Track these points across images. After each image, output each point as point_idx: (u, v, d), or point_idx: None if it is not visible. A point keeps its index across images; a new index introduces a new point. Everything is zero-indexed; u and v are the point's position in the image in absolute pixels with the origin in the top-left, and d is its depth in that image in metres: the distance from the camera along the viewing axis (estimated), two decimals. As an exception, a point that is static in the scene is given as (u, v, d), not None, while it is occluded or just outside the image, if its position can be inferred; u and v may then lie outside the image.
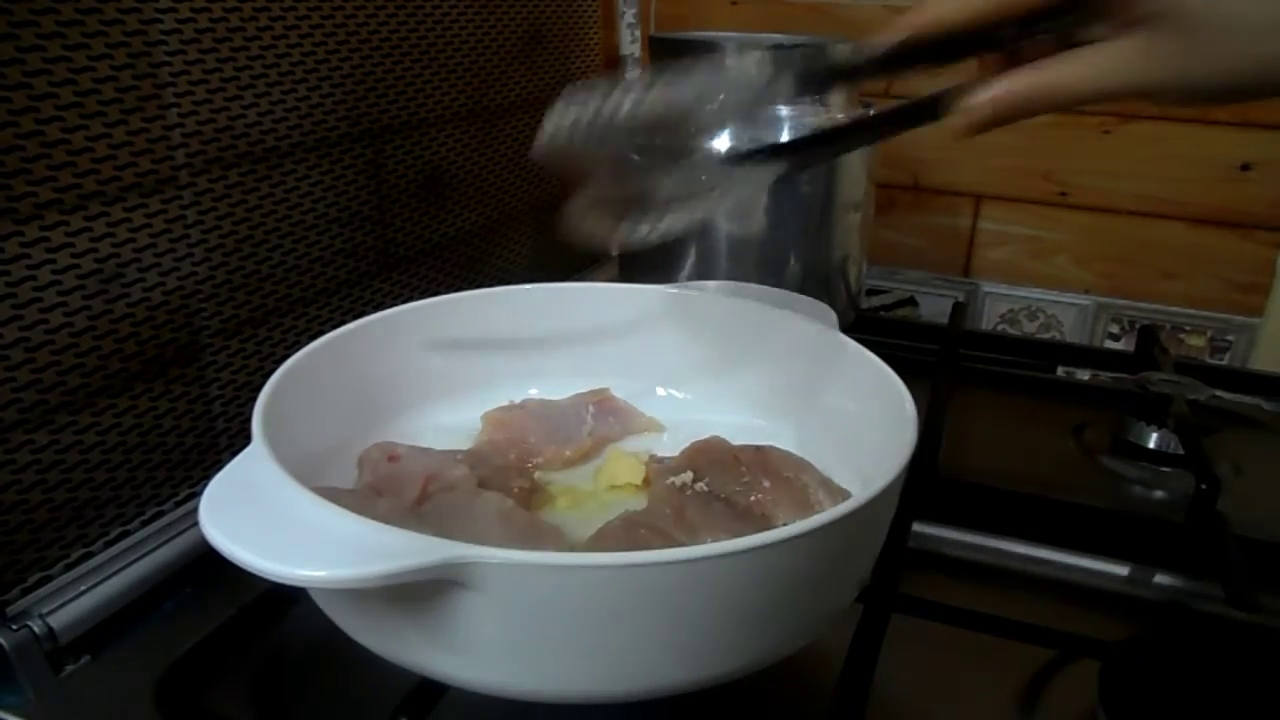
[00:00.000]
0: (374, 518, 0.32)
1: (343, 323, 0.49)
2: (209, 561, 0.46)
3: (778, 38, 0.73)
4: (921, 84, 0.35)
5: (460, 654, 0.33)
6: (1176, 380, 0.66)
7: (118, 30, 0.45)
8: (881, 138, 0.36)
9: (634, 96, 0.37)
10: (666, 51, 0.74)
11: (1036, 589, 0.51)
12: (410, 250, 0.70)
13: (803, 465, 0.45)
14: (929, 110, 0.34)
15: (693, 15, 0.99)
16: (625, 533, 0.40)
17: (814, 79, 0.37)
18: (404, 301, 0.53)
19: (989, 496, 0.57)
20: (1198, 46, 0.28)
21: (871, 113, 0.37)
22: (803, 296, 0.56)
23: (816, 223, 0.72)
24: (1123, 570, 0.52)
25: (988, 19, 0.31)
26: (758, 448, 0.47)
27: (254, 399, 0.40)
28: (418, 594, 0.31)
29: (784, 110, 0.55)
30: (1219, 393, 0.68)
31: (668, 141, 0.39)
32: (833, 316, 0.53)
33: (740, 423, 0.52)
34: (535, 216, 0.87)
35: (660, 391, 0.56)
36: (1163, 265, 0.89)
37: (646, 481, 0.48)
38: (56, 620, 0.43)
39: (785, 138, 0.40)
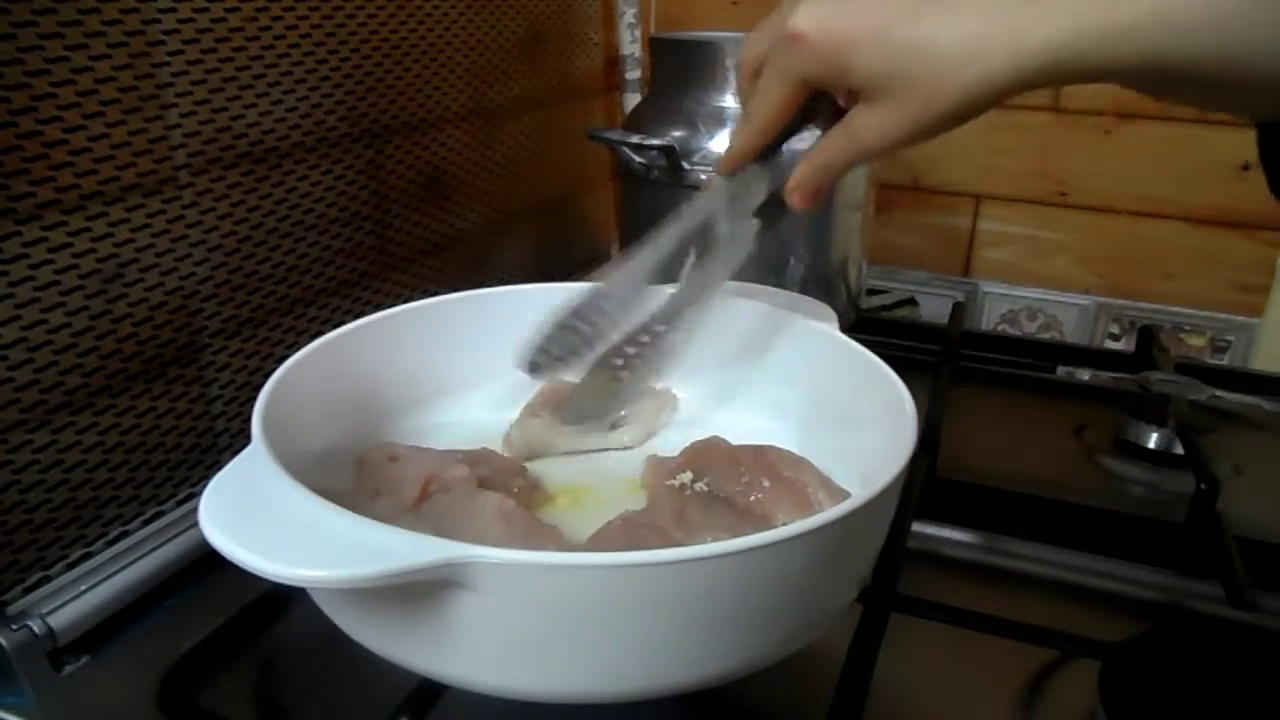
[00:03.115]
0: (373, 518, 0.32)
1: (343, 323, 0.49)
2: (209, 561, 0.46)
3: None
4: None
5: (460, 654, 0.33)
6: (1176, 380, 0.66)
7: (118, 30, 0.45)
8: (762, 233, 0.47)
9: (617, 323, 0.46)
10: (666, 51, 0.74)
11: (1036, 589, 0.51)
12: (410, 250, 0.70)
13: (802, 465, 0.45)
14: (780, 204, 0.44)
15: (693, 15, 0.99)
16: (625, 533, 0.40)
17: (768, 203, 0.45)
18: (404, 301, 0.53)
19: (989, 496, 0.57)
20: (896, 106, 0.36)
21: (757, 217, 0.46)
22: (803, 297, 0.56)
23: (816, 223, 0.72)
24: (1123, 570, 0.52)
25: (769, 139, 0.42)
26: (757, 448, 0.47)
27: (254, 399, 0.40)
28: (418, 594, 0.31)
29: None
30: (1219, 393, 0.68)
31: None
32: (833, 316, 0.53)
33: (740, 423, 0.52)
34: (535, 216, 0.87)
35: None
36: (1163, 265, 0.89)
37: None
38: (56, 620, 0.43)
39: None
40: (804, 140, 0.42)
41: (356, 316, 0.50)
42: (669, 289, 0.47)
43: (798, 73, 0.38)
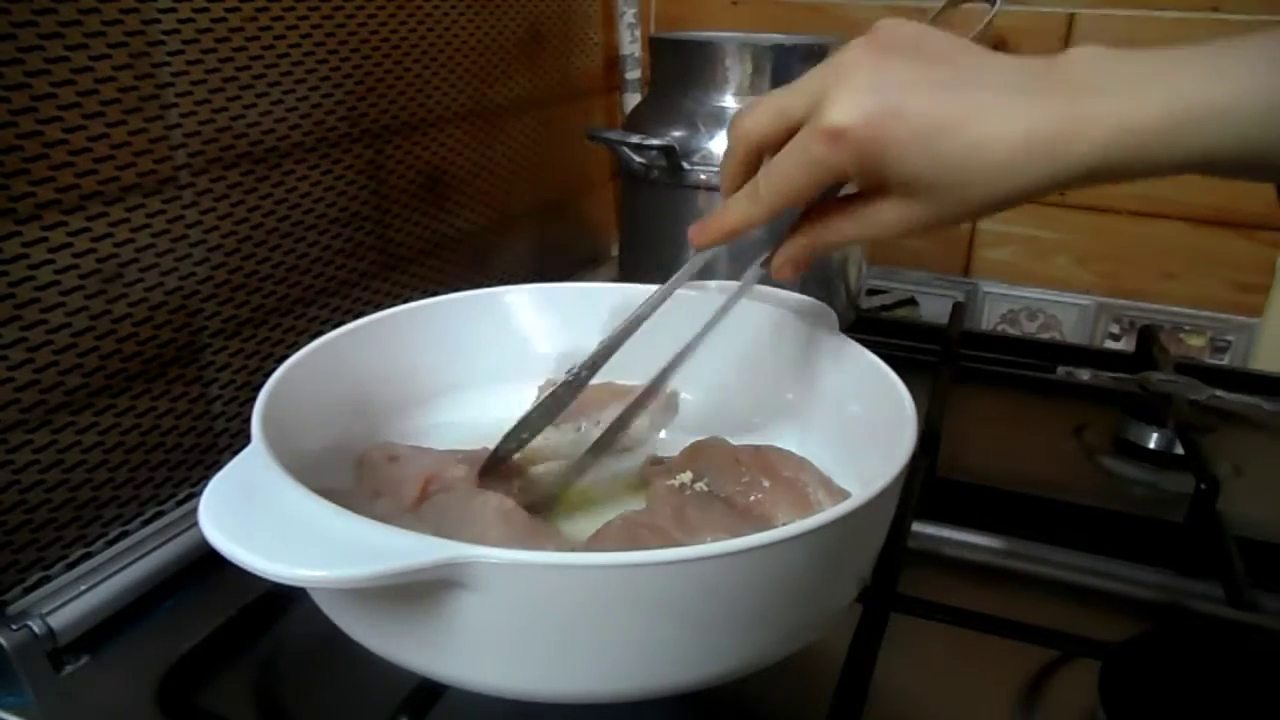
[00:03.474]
0: (373, 518, 0.32)
1: (343, 323, 0.49)
2: (209, 561, 0.46)
3: (778, 38, 0.73)
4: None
5: (460, 654, 0.33)
6: (1176, 380, 0.66)
7: (118, 30, 0.45)
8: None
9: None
10: (666, 51, 0.74)
11: (1036, 589, 0.51)
12: (410, 250, 0.70)
13: (802, 465, 0.45)
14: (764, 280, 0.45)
15: (693, 15, 0.99)
16: (625, 533, 0.40)
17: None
18: (404, 301, 0.53)
19: (989, 496, 0.57)
20: (927, 204, 0.36)
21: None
22: (803, 297, 0.56)
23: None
24: (1123, 570, 0.52)
25: (772, 219, 0.40)
26: (757, 448, 0.47)
27: (254, 399, 0.40)
28: (418, 594, 0.31)
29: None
30: (1219, 393, 0.68)
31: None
32: (833, 317, 0.53)
33: (740, 422, 0.52)
34: (535, 216, 0.87)
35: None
36: (1163, 265, 0.89)
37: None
38: (56, 620, 0.43)
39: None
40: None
41: (356, 316, 0.50)
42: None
43: (834, 167, 0.36)
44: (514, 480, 0.46)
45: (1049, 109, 0.33)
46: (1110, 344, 0.92)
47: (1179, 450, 0.61)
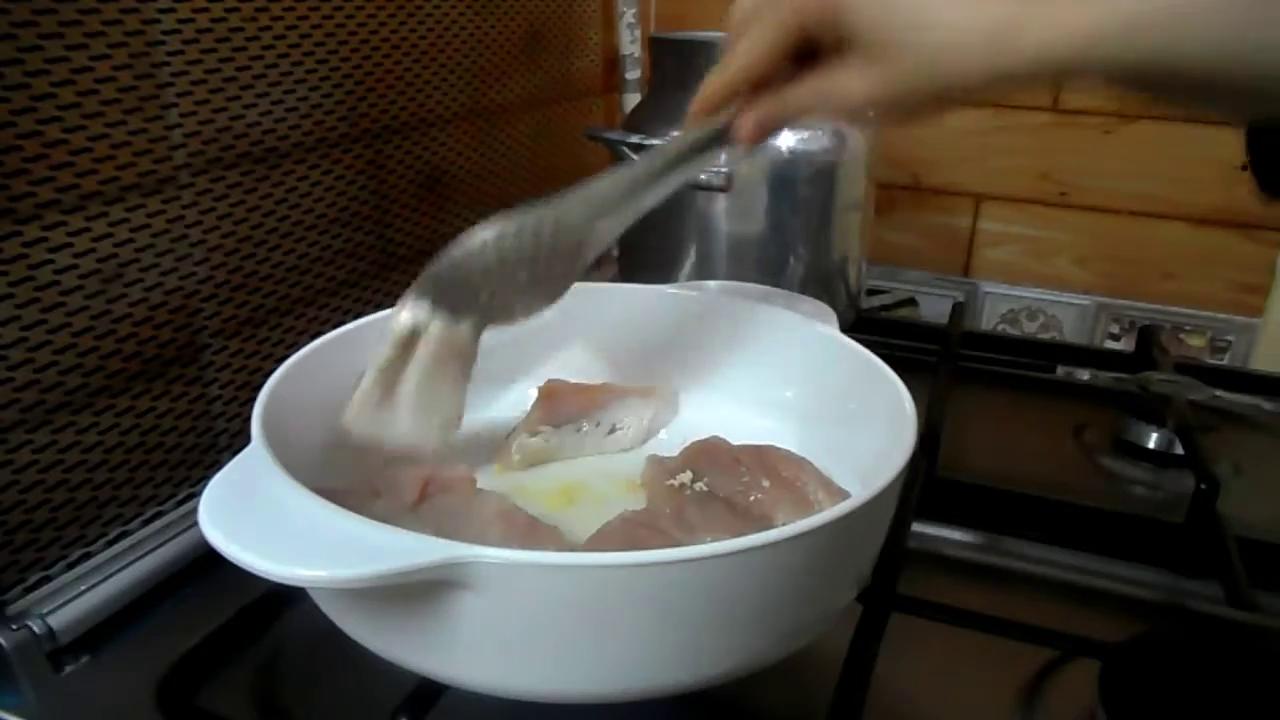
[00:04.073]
0: (373, 518, 0.32)
1: (343, 323, 0.49)
2: (209, 561, 0.46)
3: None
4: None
5: (460, 654, 0.33)
6: (1176, 380, 0.66)
7: (118, 30, 0.45)
8: (693, 166, 0.45)
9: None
10: (666, 51, 0.74)
11: (1036, 589, 0.51)
12: (410, 250, 0.70)
13: (802, 465, 0.45)
14: (722, 136, 0.43)
15: (693, 15, 0.99)
16: (625, 533, 0.40)
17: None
18: (404, 301, 0.53)
19: (989, 496, 0.57)
20: (883, 70, 0.35)
21: (675, 147, 0.44)
22: (803, 296, 0.56)
23: (816, 223, 0.72)
24: (1123, 570, 0.52)
25: (749, 83, 0.40)
26: (757, 448, 0.47)
27: (254, 399, 0.40)
28: (418, 594, 0.31)
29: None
30: (1219, 393, 0.68)
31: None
32: (833, 316, 0.53)
33: (740, 423, 0.52)
34: (535, 216, 0.86)
35: (660, 391, 0.56)
36: (1163, 265, 0.89)
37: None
38: (56, 620, 0.43)
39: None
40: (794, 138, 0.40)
41: (356, 316, 0.50)
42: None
43: (794, 13, 0.37)
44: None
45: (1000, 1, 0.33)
46: (1110, 344, 0.92)
47: (1179, 450, 0.61)
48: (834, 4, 0.36)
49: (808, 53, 0.39)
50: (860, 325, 0.79)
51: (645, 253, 0.75)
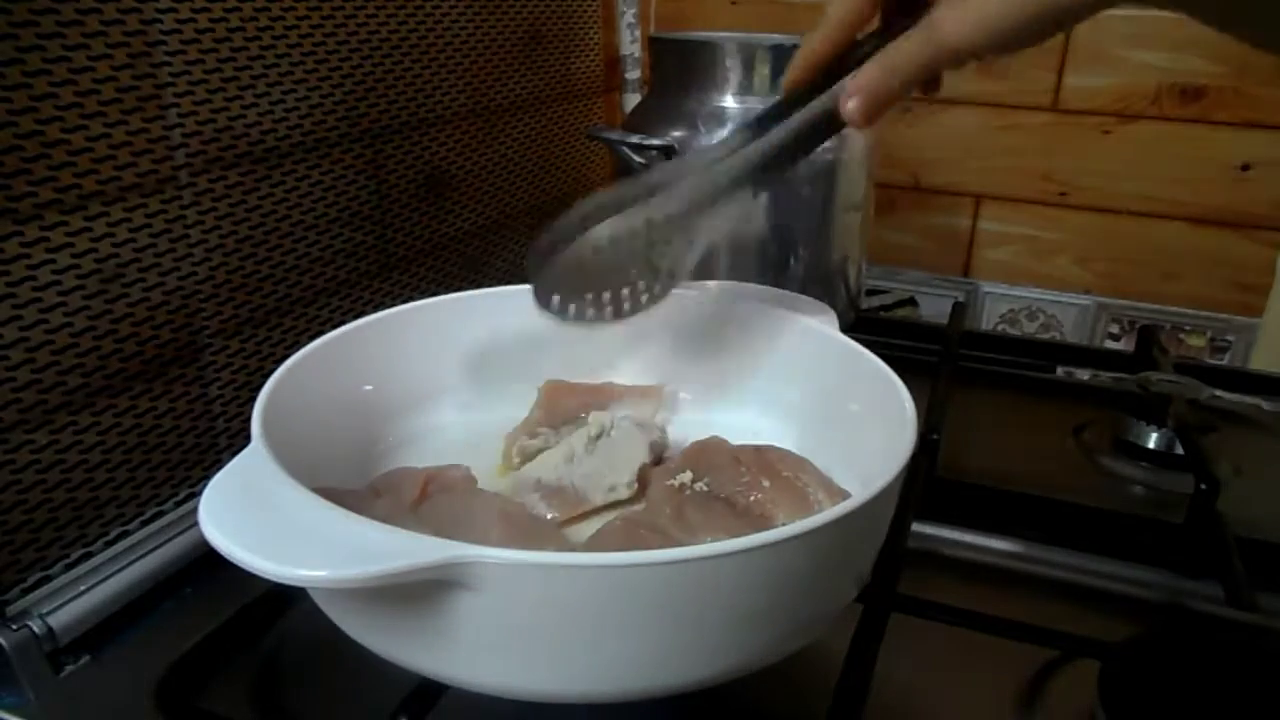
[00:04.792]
0: (373, 518, 0.32)
1: (343, 323, 0.49)
2: (209, 561, 0.46)
3: (778, 38, 0.73)
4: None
5: (460, 654, 0.33)
6: (1176, 380, 0.66)
7: (118, 30, 0.45)
8: (804, 154, 0.43)
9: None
10: (666, 51, 0.74)
11: (1036, 589, 0.51)
12: (410, 250, 0.70)
13: (802, 465, 0.45)
14: (832, 119, 0.40)
15: (693, 15, 0.99)
16: (625, 533, 0.40)
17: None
18: (404, 301, 0.53)
19: (989, 496, 0.57)
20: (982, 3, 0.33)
21: (783, 135, 0.41)
22: (803, 296, 0.56)
23: (816, 223, 0.72)
24: (1123, 570, 0.52)
25: (846, 42, 0.39)
26: (757, 448, 0.47)
27: (254, 399, 0.40)
28: (418, 594, 0.31)
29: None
30: (1219, 393, 0.68)
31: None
32: (833, 316, 0.53)
33: (740, 423, 0.52)
34: (535, 216, 0.87)
35: (660, 391, 0.56)
36: (1163, 265, 0.89)
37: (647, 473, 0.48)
38: (56, 620, 0.43)
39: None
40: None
41: (356, 316, 0.50)
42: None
43: None
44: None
45: None
46: (1110, 344, 0.92)
47: (1179, 450, 0.61)
48: None
49: (903, 5, 0.37)
50: (860, 325, 0.79)
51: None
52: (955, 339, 0.75)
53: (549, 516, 0.44)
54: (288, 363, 0.44)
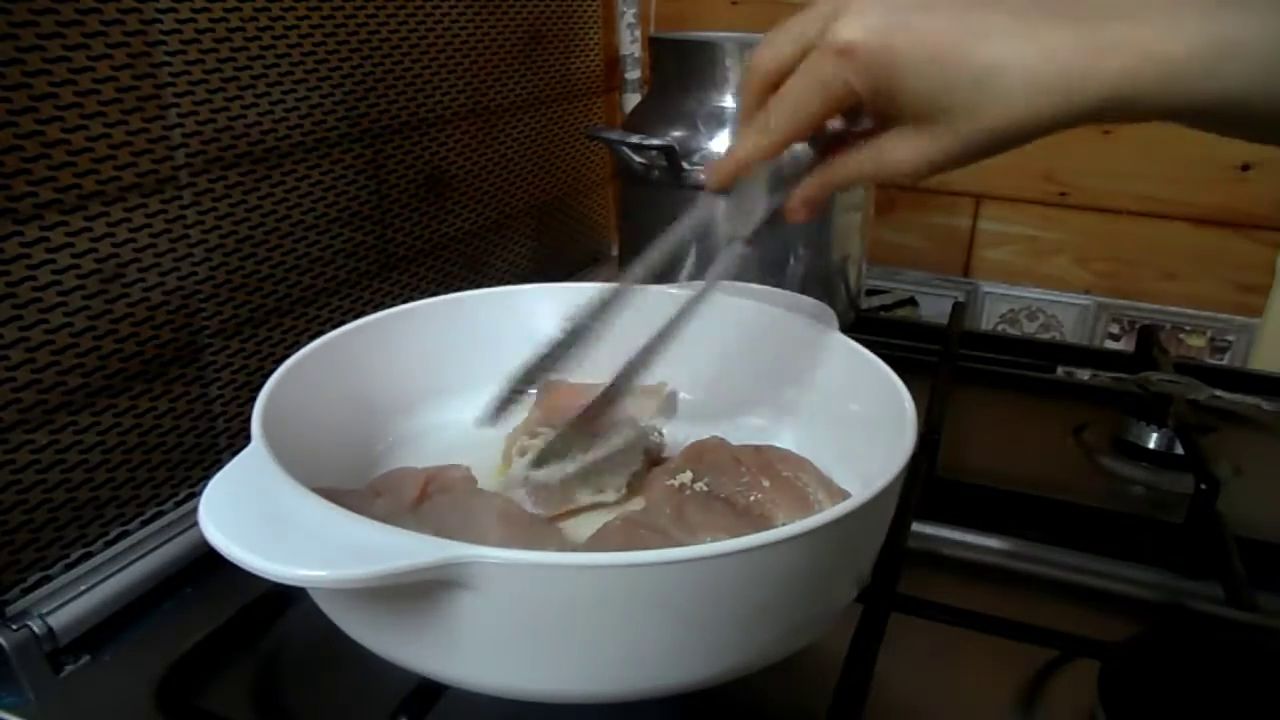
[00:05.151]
0: (373, 518, 0.32)
1: (343, 323, 0.49)
2: (209, 561, 0.46)
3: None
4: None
5: (460, 654, 0.33)
6: (1176, 380, 0.66)
7: (118, 30, 0.45)
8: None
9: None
10: (666, 51, 0.74)
11: (1036, 589, 0.51)
12: (410, 250, 0.70)
13: (802, 465, 0.45)
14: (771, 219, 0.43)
15: (693, 15, 0.99)
16: (625, 533, 0.40)
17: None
18: (404, 301, 0.53)
19: (989, 496, 0.57)
20: (940, 134, 0.34)
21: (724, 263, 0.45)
22: (803, 296, 0.56)
23: (816, 223, 0.72)
24: (1123, 570, 0.52)
25: (784, 149, 0.39)
26: (757, 447, 0.47)
27: (254, 399, 0.40)
28: (418, 594, 0.31)
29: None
30: (1219, 393, 0.68)
31: None
32: (833, 317, 0.53)
33: (740, 423, 0.52)
34: (535, 216, 0.87)
35: (660, 391, 0.56)
36: (1163, 265, 0.89)
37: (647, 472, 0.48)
38: (56, 620, 0.43)
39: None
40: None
41: (356, 316, 0.50)
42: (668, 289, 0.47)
43: (842, 86, 0.35)
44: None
45: (1068, 33, 0.31)
46: (1110, 344, 0.92)
47: (1179, 450, 0.61)
48: (888, 77, 0.34)
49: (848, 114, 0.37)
50: (860, 325, 0.79)
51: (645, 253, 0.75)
52: (955, 339, 0.75)
53: (533, 513, 0.44)
54: (288, 363, 0.44)
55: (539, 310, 0.56)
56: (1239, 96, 0.29)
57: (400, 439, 0.50)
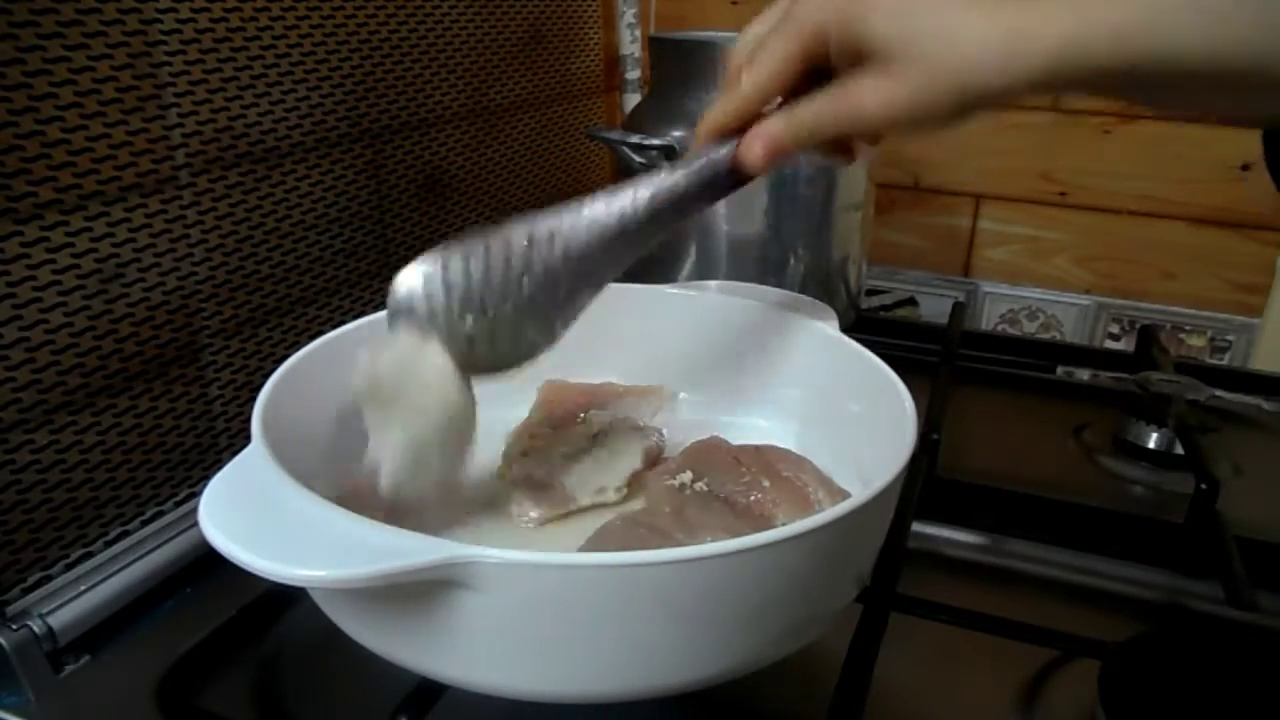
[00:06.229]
0: (372, 518, 0.32)
1: (343, 323, 0.49)
2: (209, 561, 0.46)
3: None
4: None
5: (460, 654, 0.33)
6: (1176, 380, 0.66)
7: (118, 30, 0.45)
8: (696, 201, 0.42)
9: None
10: (666, 51, 0.74)
11: (1036, 589, 0.51)
12: (410, 250, 0.70)
13: (802, 464, 0.45)
14: (728, 167, 0.40)
15: (693, 15, 0.99)
16: (625, 533, 0.40)
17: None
18: (404, 301, 0.52)
19: (989, 496, 0.57)
20: (902, 83, 0.34)
21: (672, 180, 0.42)
22: (803, 296, 0.56)
23: (816, 223, 0.72)
24: (1123, 570, 0.52)
25: (756, 113, 0.39)
26: (757, 447, 0.47)
27: (254, 399, 0.40)
28: (418, 594, 0.31)
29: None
30: (1219, 393, 0.68)
31: None
32: (833, 316, 0.53)
33: (740, 423, 0.52)
34: (535, 216, 0.87)
35: (660, 391, 0.56)
36: (1163, 265, 0.89)
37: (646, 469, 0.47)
38: (56, 620, 0.43)
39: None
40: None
41: (356, 316, 0.50)
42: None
43: (813, 23, 0.36)
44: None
45: (1009, 8, 0.32)
46: (1110, 344, 0.92)
47: (1179, 450, 0.61)
48: (850, 16, 0.35)
49: (819, 74, 0.38)
50: (860, 325, 0.79)
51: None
52: (955, 339, 0.75)
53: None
54: (288, 363, 0.44)
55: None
56: (1180, 58, 0.30)
57: (400, 439, 0.50)
